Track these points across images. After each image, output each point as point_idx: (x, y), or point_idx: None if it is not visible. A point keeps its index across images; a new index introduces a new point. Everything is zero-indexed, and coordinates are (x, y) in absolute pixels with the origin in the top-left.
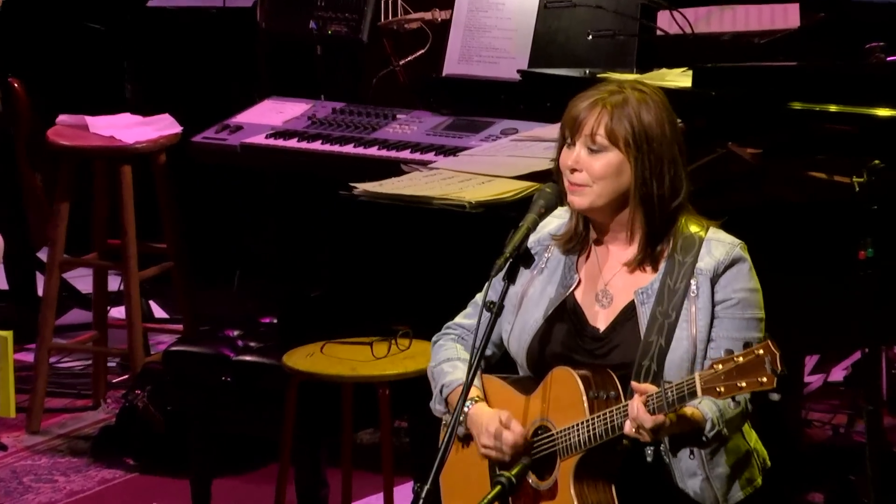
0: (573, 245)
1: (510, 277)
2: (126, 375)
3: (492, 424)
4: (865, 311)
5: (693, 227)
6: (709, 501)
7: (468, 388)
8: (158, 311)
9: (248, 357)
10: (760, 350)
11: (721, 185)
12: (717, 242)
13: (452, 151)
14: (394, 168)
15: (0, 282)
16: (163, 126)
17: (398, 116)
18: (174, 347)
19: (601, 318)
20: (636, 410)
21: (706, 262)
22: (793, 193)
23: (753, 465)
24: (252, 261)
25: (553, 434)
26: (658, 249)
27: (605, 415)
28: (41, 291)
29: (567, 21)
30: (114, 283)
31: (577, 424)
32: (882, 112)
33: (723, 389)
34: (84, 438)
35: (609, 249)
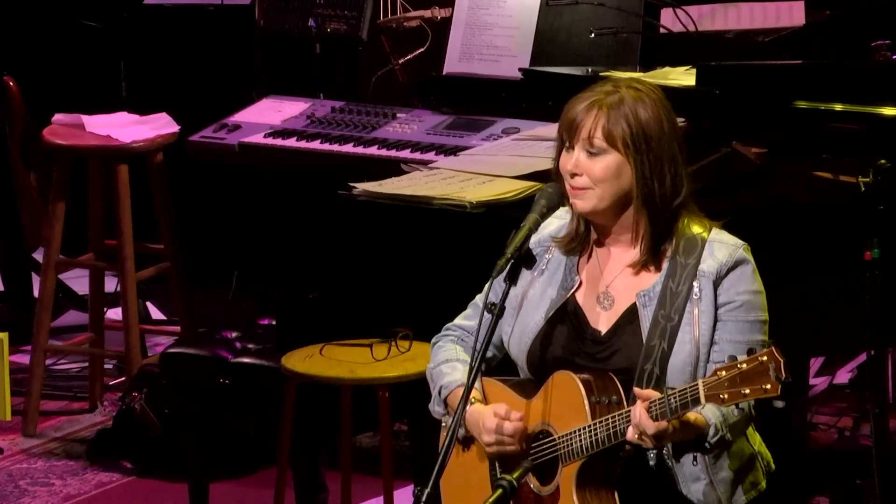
0: (574, 246)
1: (511, 279)
2: (123, 378)
3: (490, 420)
4: (871, 313)
5: (695, 228)
6: None
7: (469, 391)
8: (155, 313)
9: (246, 359)
10: (764, 357)
11: (725, 185)
12: (720, 244)
13: (453, 151)
14: (394, 168)
15: None
16: (160, 125)
17: (398, 115)
18: (171, 349)
19: (602, 321)
20: (638, 417)
21: (709, 264)
22: (798, 193)
23: (758, 469)
24: (250, 262)
25: (554, 439)
26: (661, 250)
27: (608, 420)
28: (37, 293)
29: (569, 18)
30: (110, 285)
31: (579, 430)
32: (888, 111)
33: (726, 396)
34: (80, 441)
35: (610, 251)
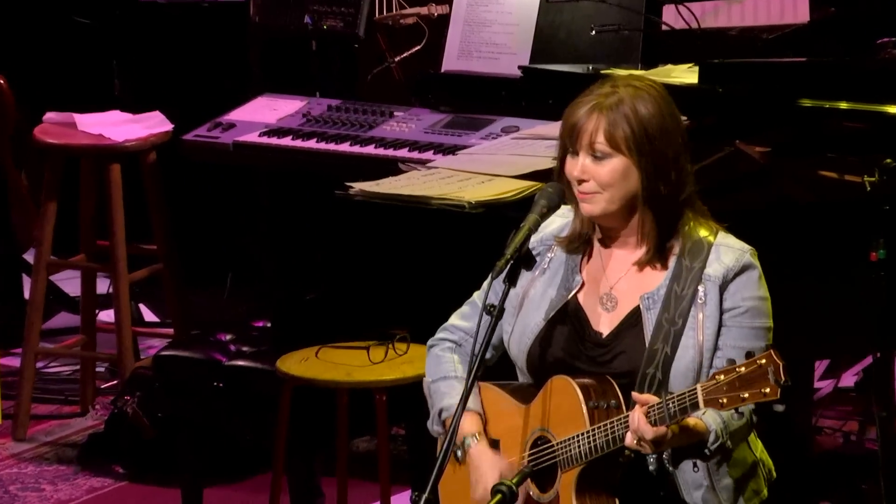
0: (577, 245)
1: (511, 280)
2: (115, 381)
3: (491, 478)
4: (877, 314)
5: (702, 231)
6: None
7: (466, 397)
8: (148, 315)
9: (241, 362)
10: (763, 360)
11: (728, 185)
12: (727, 248)
13: (451, 150)
14: (391, 167)
15: None
16: (153, 124)
17: (395, 114)
18: (164, 352)
19: (604, 323)
20: (637, 422)
21: (715, 269)
22: (802, 193)
23: (759, 476)
24: (245, 263)
25: (553, 445)
26: (666, 250)
27: (606, 426)
28: (27, 294)
29: (570, 15)
30: (102, 286)
31: (578, 436)
32: (894, 109)
33: (725, 401)
34: (72, 446)
35: (614, 251)
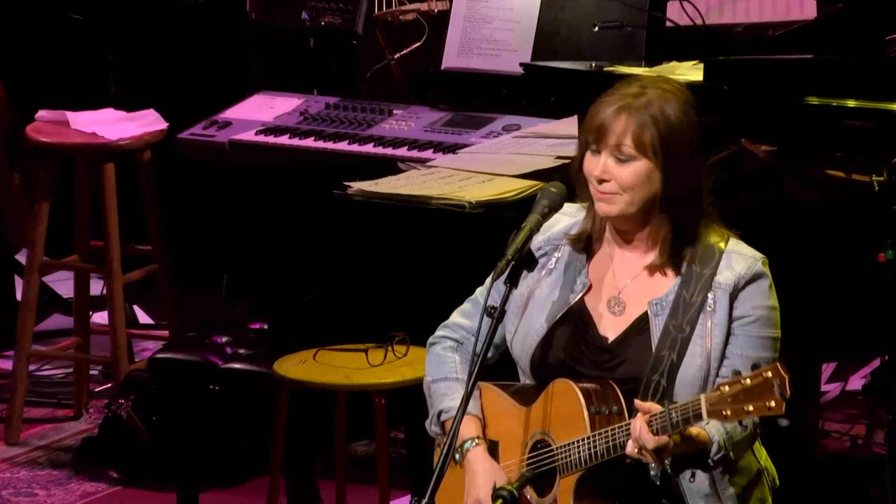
0: (587, 245)
1: (512, 281)
2: (109, 384)
3: (484, 488)
4: (885, 316)
5: (713, 237)
6: None
7: (466, 401)
8: (143, 317)
9: (237, 364)
10: (769, 372)
11: (733, 184)
12: (738, 256)
13: (451, 149)
14: (390, 166)
15: None
16: (148, 122)
17: (394, 112)
18: (159, 354)
19: (611, 327)
20: (638, 430)
21: (725, 276)
22: (809, 193)
23: (764, 485)
24: (241, 263)
25: (553, 450)
26: (679, 257)
27: (607, 433)
28: (20, 295)
29: (572, 12)
30: (96, 287)
31: (578, 441)
32: None
33: (729, 413)
34: (65, 450)
35: (625, 254)
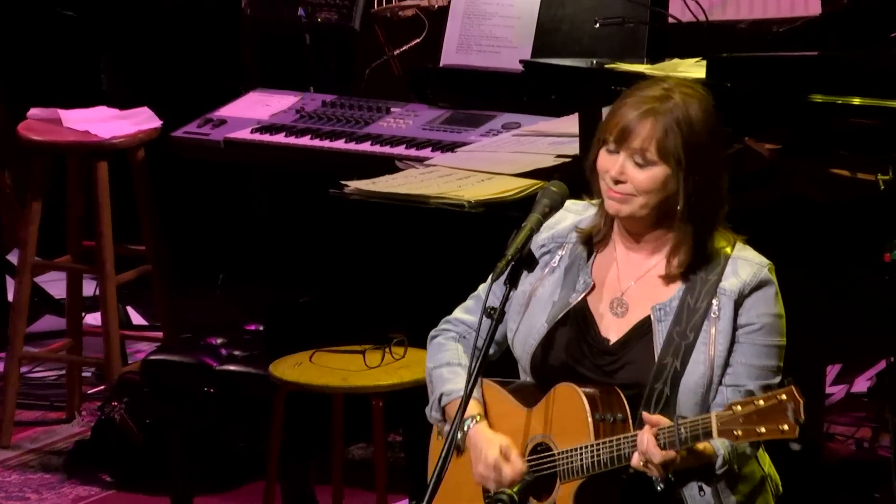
0: (595, 241)
1: (512, 282)
2: (102, 386)
3: (491, 454)
4: (891, 317)
5: (719, 242)
6: None
7: (466, 402)
8: (136, 318)
9: (233, 366)
10: (783, 395)
11: (736, 183)
12: (744, 262)
13: (450, 147)
14: (388, 165)
15: None
16: (141, 120)
17: (392, 110)
18: (153, 356)
19: (613, 329)
20: (646, 444)
21: (731, 283)
22: (814, 192)
23: (767, 492)
24: (236, 264)
25: (554, 454)
26: (689, 264)
27: (612, 442)
28: (11, 297)
29: (573, 8)
30: (89, 288)
31: (581, 448)
32: None
33: (740, 433)
34: (57, 453)
35: (631, 255)
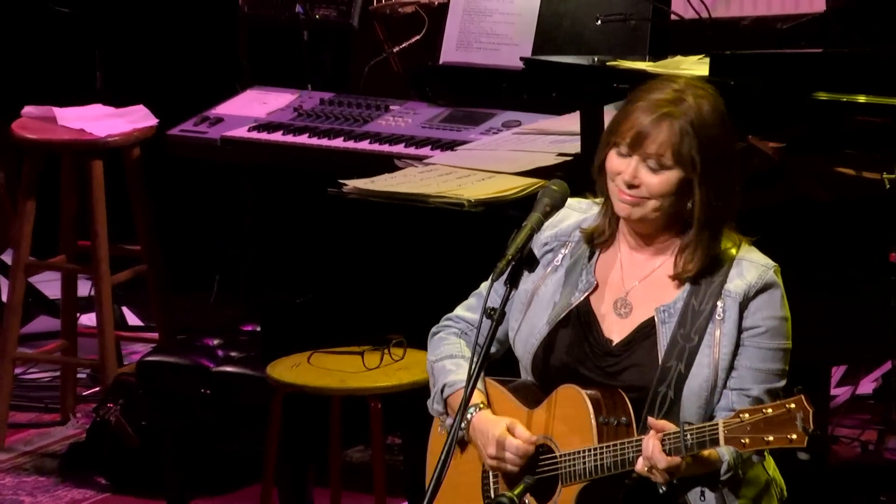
0: (601, 241)
1: (512, 282)
2: (97, 388)
3: (497, 430)
4: None
5: (724, 243)
6: None
7: (467, 401)
8: (132, 319)
9: (229, 368)
10: (792, 404)
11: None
12: (750, 263)
13: (450, 146)
14: (386, 163)
15: None
16: (136, 118)
17: (391, 108)
18: (149, 358)
19: (615, 330)
20: (651, 449)
21: (736, 285)
22: (818, 191)
23: (772, 495)
24: (233, 264)
25: (556, 457)
26: (701, 267)
27: (616, 446)
28: (5, 297)
29: (574, 4)
30: (83, 288)
31: (584, 451)
32: None
33: (748, 441)
34: (52, 456)
35: (635, 255)
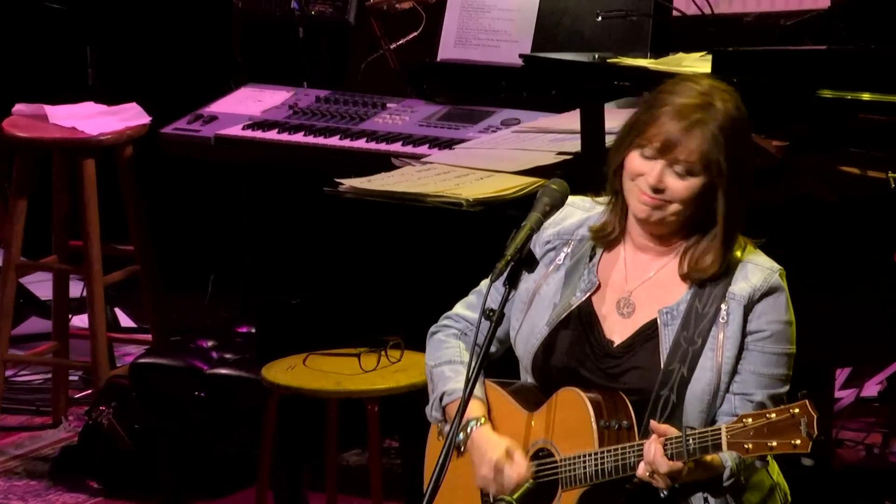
0: (609, 240)
1: (511, 283)
2: (89, 390)
3: (495, 455)
4: None
5: None
6: None
7: (466, 403)
8: (125, 320)
9: (223, 370)
10: (796, 409)
11: None
12: (755, 266)
13: (448, 144)
14: (383, 162)
15: None
16: (129, 116)
17: (388, 105)
18: (142, 360)
19: (617, 331)
20: (653, 454)
21: (741, 287)
22: (822, 190)
23: (776, 500)
24: (227, 264)
25: (556, 461)
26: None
27: (617, 451)
28: None
29: (574, 0)
30: (75, 289)
31: (585, 456)
32: None
33: (751, 447)
34: (43, 459)
35: (641, 255)
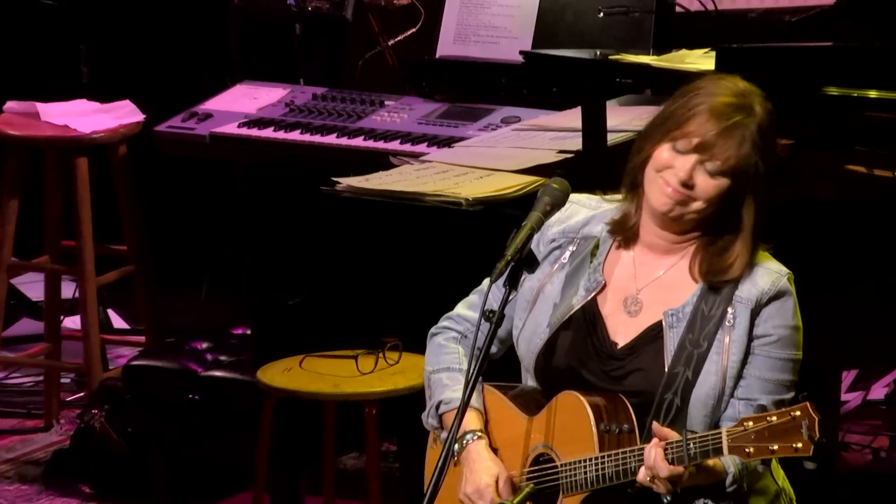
0: (623, 234)
1: (511, 283)
2: (82, 393)
3: (483, 479)
4: None
5: None
6: None
7: (464, 410)
8: (118, 321)
9: (219, 372)
10: (797, 412)
11: None
12: (763, 270)
13: (447, 142)
14: (381, 160)
15: None
16: (123, 114)
17: (386, 103)
18: (135, 362)
19: (621, 331)
20: (653, 458)
21: (748, 290)
22: (828, 189)
23: None
24: (223, 264)
25: (556, 467)
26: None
27: (618, 455)
28: None
29: None
30: (68, 290)
31: (585, 461)
32: None
33: (752, 451)
34: (35, 463)
35: (648, 256)
